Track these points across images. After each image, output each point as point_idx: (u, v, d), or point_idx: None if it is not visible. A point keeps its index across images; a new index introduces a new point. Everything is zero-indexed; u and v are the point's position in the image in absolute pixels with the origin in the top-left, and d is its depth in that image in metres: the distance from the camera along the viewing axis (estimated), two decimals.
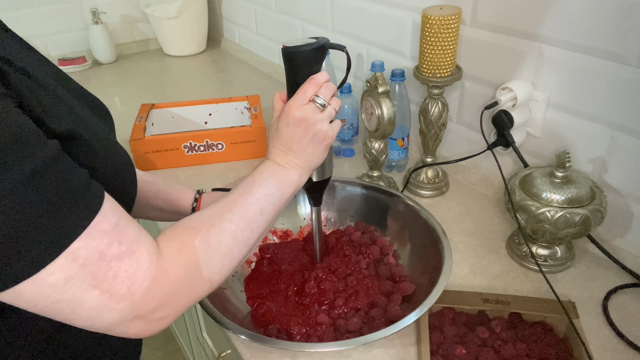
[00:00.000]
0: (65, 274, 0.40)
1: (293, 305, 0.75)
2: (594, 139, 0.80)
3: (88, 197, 0.42)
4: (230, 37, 1.93)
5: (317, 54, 0.61)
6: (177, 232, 0.50)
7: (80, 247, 0.40)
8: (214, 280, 0.52)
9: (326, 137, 0.62)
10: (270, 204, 0.58)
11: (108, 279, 0.42)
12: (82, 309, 0.42)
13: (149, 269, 0.45)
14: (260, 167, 0.61)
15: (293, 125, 0.60)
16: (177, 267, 0.47)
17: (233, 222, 0.54)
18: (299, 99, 0.60)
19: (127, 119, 1.39)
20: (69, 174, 0.41)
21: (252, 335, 0.64)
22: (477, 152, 0.93)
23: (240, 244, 0.54)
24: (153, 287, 0.45)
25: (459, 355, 0.65)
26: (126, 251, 0.43)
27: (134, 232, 0.45)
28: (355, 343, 0.62)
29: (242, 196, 0.57)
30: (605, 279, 0.78)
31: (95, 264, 0.41)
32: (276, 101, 0.65)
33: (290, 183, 0.61)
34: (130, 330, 0.46)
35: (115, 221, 0.43)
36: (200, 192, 0.78)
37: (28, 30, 1.77)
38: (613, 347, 0.67)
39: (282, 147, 0.61)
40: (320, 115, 0.61)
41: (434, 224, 0.79)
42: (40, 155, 0.39)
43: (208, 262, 0.50)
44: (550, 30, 0.80)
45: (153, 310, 0.46)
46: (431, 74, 0.89)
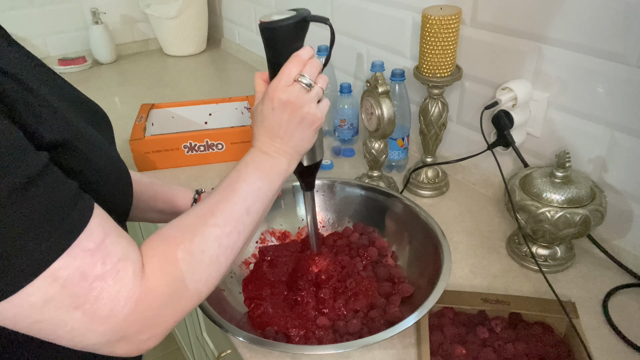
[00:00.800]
0: (45, 295, 0.38)
1: (290, 307, 0.75)
2: (594, 139, 0.80)
3: (74, 214, 0.40)
4: (230, 37, 1.93)
5: (299, 29, 0.55)
6: (159, 243, 0.47)
7: (61, 267, 0.38)
8: (202, 292, 0.49)
9: (315, 120, 0.57)
10: (258, 201, 0.54)
11: (89, 301, 0.40)
12: (63, 330, 0.40)
13: (132, 289, 0.42)
14: (245, 158, 0.57)
15: (278, 109, 0.55)
16: (161, 285, 0.45)
17: (217, 226, 0.50)
18: (282, 80, 0.55)
19: (127, 119, 1.39)
20: (56, 189, 0.39)
21: (252, 338, 0.64)
22: (477, 152, 0.93)
23: (227, 249, 0.51)
24: (136, 309, 0.43)
25: (459, 355, 0.65)
26: (110, 271, 0.41)
27: (120, 249, 0.43)
28: (356, 345, 0.62)
29: (225, 196, 0.53)
30: (605, 279, 0.78)
31: (77, 285, 0.39)
32: (257, 82, 0.60)
33: (278, 174, 0.57)
34: (117, 351, 0.44)
35: (101, 239, 0.41)
36: (199, 192, 0.78)
37: (28, 30, 1.77)
38: (613, 347, 0.67)
39: (268, 133, 0.57)
40: (307, 96, 0.56)
41: (433, 225, 0.79)
42: (25, 171, 0.37)
43: (193, 275, 0.47)
44: (550, 30, 0.80)
45: (138, 332, 0.44)
46: (431, 74, 0.89)
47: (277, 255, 0.84)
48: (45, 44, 1.82)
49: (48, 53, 1.84)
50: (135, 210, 0.74)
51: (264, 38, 0.56)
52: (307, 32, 0.57)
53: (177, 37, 1.85)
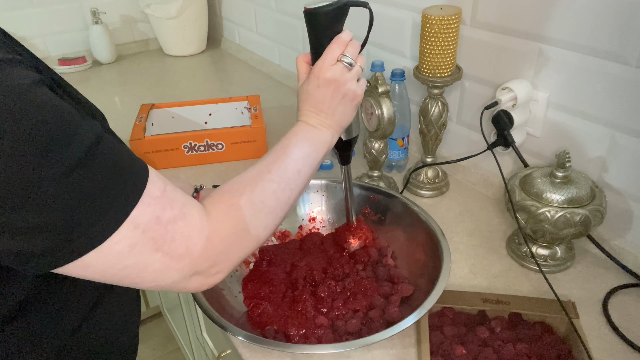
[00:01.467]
0: (130, 241, 0.42)
1: (290, 306, 0.75)
2: (594, 139, 0.80)
3: (136, 168, 0.44)
4: (230, 37, 1.93)
5: (340, 13, 0.61)
6: (222, 194, 0.53)
7: (139, 214, 0.43)
8: (260, 237, 0.55)
9: (356, 96, 0.63)
10: (307, 165, 0.60)
11: (167, 242, 0.45)
12: (147, 272, 0.45)
13: (201, 229, 0.47)
14: (293, 128, 0.62)
15: (323, 86, 0.61)
16: (227, 226, 0.50)
17: (274, 182, 0.56)
18: (327, 60, 0.61)
19: (127, 119, 1.39)
20: (116, 147, 0.43)
21: (252, 338, 0.64)
22: (477, 152, 0.93)
23: (282, 203, 0.57)
24: (208, 246, 0.48)
25: (459, 355, 0.65)
26: (179, 214, 0.46)
27: (181, 196, 0.48)
28: (356, 345, 0.62)
29: (279, 157, 0.58)
30: (605, 279, 0.78)
31: (154, 229, 0.44)
32: (300, 64, 0.65)
33: (323, 144, 0.62)
34: (190, 286, 0.49)
35: (163, 187, 0.46)
36: (197, 190, 0.78)
37: (28, 30, 1.77)
38: (613, 347, 0.67)
39: (313, 108, 0.62)
40: (349, 74, 0.61)
41: (433, 225, 0.79)
42: (90, 134, 0.40)
43: (254, 220, 0.53)
44: (550, 30, 0.80)
45: (210, 267, 0.49)
46: (431, 74, 0.89)
47: (277, 254, 0.84)
48: (45, 44, 1.82)
49: (48, 53, 1.84)
50: None
51: (308, 22, 0.61)
52: (347, 16, 0.63)
53: (177, 37, 1.85)
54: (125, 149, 0.45)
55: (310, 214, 0.92)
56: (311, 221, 0.92)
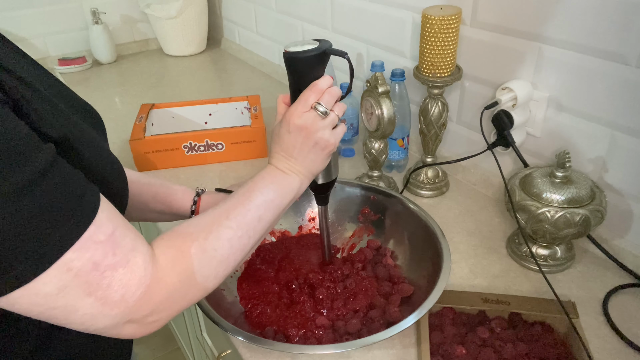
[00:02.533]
0: (59, 283, 0.40)
1: (287, 307, 0.75)
2: (594, 139, 0.80)
3: (83, 206, 0.41)
4: (230, 37, 1.93)
5: (319, 60, 0.60)
6: (174, 238, 0.50)
7: (74, 258, 0.40)
8: (208, 287, 0.52)
9: (327, 145, 0.61)
10: (269, 211, 0.58)
11: (102, 288, 0.42)
12: (76, 315, 0.42)
13: (143, 277, 0.45)
14: (261, 172, 0.61)
15: (294, 132, 0.60)
16: (172, 275, 0.48)
17: (231, 229, 0.54)
18: (300, 107, 0.60)
19: (127, 119, 1.39)
20: (65, 180, 0.40)
21: (252, 338, 0.63)
22: (477, 152, 0.93)
23: (237, 251, 0.54)
24: (147, 295, 0.45)
25: (459, 355, 0.65)
26: (121, 261, 0.43)
27: (129, 240, 0.45)
28: (356, 345, 0.62)
29: (241, 202, 0.56)
30: (605, 279, 0.78)
31: (89, 274, 0.41)
32: (279, 104, 0.65)
33: (290, 190, 0.61)
34: (123, 332, 0.46)
35: (110, 231, 0.43)
36: (199, 194, 0.77)
37: (28, 30, 1.77)
38: (613, 347, 0.67)
39: (284, 152, 0.61)
40: (322, 122, 0.60)
41: (433, 225, 0.79)
42: (36, 163, 0.38)
43: (203, 269, 0.50)
44: (550, 30, 0.80)
45: (146, 315, 0.46)
46: (431, 74, 0.89)
47: (270, 252, 0.84)
48: (45, 44, 1.82)
49: (48, 53, 1.84)
50: (134, 210, 0.74)
51: (287, 66, 0.60)
52: (327, 62, 0.62)
53: (177, 37, 1.85)
54: (76, 182, 0.42)
55: (310, 214, 0.93)
56: (311, 221, 0.92)
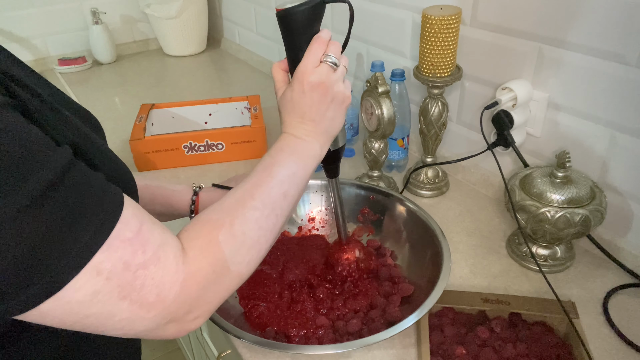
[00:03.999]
0: (91, 289, 0.38)
1: (288, 307, 0.75)
2: (594, 139, 0.80)
3: (107, 205, 0.40)
4: (230, 37, 1.93)
5: (317, 11, 0.56)
6: (200, 227, 0.48)
7: (103, 259, 0.38)
8: (243, 274, 0.50)
9: (345, 98, 0.59)
10: (294, 185, 0.55)
11: (136, 289, 0.40)
12: (112, 321, 0.40)
13: (176, 273, 0.43)
14: (278, 143, 0.57)
15: (309, 91, 0.56)
16: (204, 267, 0.45)
17: (257, 209, 0.51)
18: (310, 62, 0.55)
19: (127, 119, 1.39)
20: (85, 180, 0.39)
21: (252, 338, 0.63)
22: (477, 152, 0.93)
23: (267, 232, 0.52)
24: (183, 291, 0.43)
25: (459, 355, 0.65)
26: (151, 258, 0.41)
27: (157, 235, 0.43)
28: (356, 345, 0.62)
29: (262, 180, 0.53)
30: (605, 279, 0.78)
31: (121, 275, 0.39)
32: (276, 71, 0.60)
33: (311, 158, 0.57)
34: (166, 333, 0.45)
35: (137, 227, 0.41)
36: (196, 192, 0.77)
37: (28, 30, 1.77)
38: (613, 347, 0.67)
39: (300, 117, 0.57)
40: (335, 75, 0.57)
41: (433, 225, 0.79)
42: (55, 164, 0.37)
43: (235, 256, 0.48)
44: (550, 30, 0.80)
45: (186, 313, 0.45)
46: (431, 74, 0.89)
47: (270, 252, 0.84)
48: (45, 44, 1.82)
49: (48, 53, 1.84)
50: None
51: (283, 25, 0.56)
52: (324, 14, 0.57)
53: (177, 37, 1.85)
54: (96, 181, 0.40)
55: (309, 214, 0.93)
56: (310, 221, 0.92)
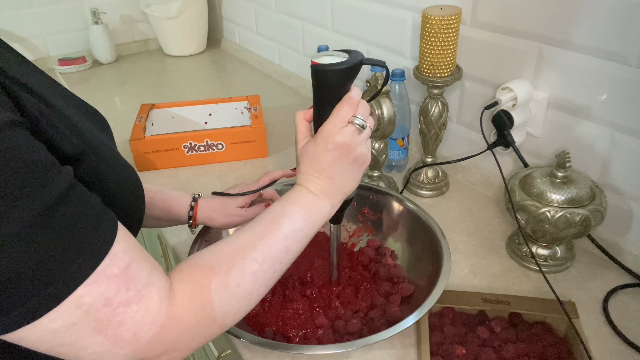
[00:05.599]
0: (68, 320, 0.38)
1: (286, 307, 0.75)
2: (594, 139, 0.80)
3: (98, 237, 0.39)
4: (230, 37, 1.93)
5: (353, 72, 0.55)
6: (193, 271, 0.47)
7: (84, 293, 0.38)
8: (227, 324, 0.49)
9: (365, 160, 0.58)
10: (297, 241, 0.54)
11: (113, 325, 0.40)
12: (84, 352, 0.40)
13: (157, 315, 0.42)
14: (292, 194, 0.56)
15: (333, 150, 0.55)
16: (189, 314, 0.44)
17: (256, 262, 0.50)
18: (337, 122, 0.55)
19: (127, 119, 1.39)
20: (81, 208, 0.39)
21: (252, 338, 0.63)
22: (477, 152, 0.93)
23: (261, 285, 0.51)
24: (161, 334, 0.42)
25: (459, 355, 0.65)
26: (134, 296, 0.41)
27: (145, 274, 0.42)
28: (356, 345, 0.62)
29: (268, 231, 0.52)
30: (605, 279, 0.78)
31: (100, 311, 0.39)
32: (299, 121, 0.59)
33: (320, 216, 0.56)
34: None
35: (126, 264, 0.41)
36: (195, 199, 0.77)
37: (28, 30, 1.77)
38: (613, 347, 0.67)
39: (318, 173, 0.56)
40: (360, 137, 0.56)
41: (433, 225, 0.79)
42: (53, 191, 0.36)
43: (223, 306, 0.47)
44: (550, 30, 0.80)
45: (159, 355, 0.44)
46: (431, 74, 0.89)
47: None
48: (45, 44, 1.82)
49: (48, 53, 1.84)
50: None
51: (317, 79, 0.55)
52: (357, 74, 0.56)
53: (177, 37, 1.85)
54: (91, 210, 0.39)
55: None
56: None
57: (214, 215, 0.76)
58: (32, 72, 0.49)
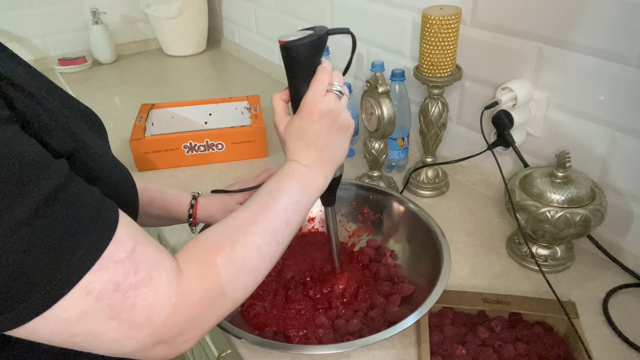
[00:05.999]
0: (79, 308, 0.38)
1: (283, 306, 0.75)
2: (594, 139, 0.80)
3: (100, 224, 0.39)
4: (230, 37, 1.93)
5: (321, 44, 0.57)
6: (199, 249, 0.48)
7: (93, 280, 0.38)
8: (238, 299, 0.49)
9: (350, 125, 0.60)
10: (296, 213, 0.55)
11: (126, 310, 0.40)
12: (100, 340, 0.40)
13: (168, 295, 0.42)
14: (285, 169, 0.58)
15: (319, 119, 0.57)
16: (199, 291, 0.45)
17: (258, 235, 0.51)
18: (318, 91, 0.57)
19: (127, 119, 1.39)
20: (80, 198, 0.39)
21: (252, 338, 0.63)
22: (477, 152, 0.93)
23: (266, 258, 0.51)
24: (174, 314, 0.43)
25: (459, 355, 0.65)
26: (143, 279, 0.41)
27: (151, 256, 0.42)
28: (356, 345, 0.62)
29: (267, 205, 0.53)
30: (605, 279, 0.78)
31: (111, 296, 0.39)
32: (277, 102, 0.61)
33: (316, 186, 0.58)
34: (154, 354, 0.44)
35: (131, 247, 0.41)
36: (195, 197, 0.77)
37: (28, 30, 1.77)
38: (613, 347, 0.67)
39: (306, 146, 0.58)
40: (341, 103, 0.59)
41: (433, 225, 0.79)
42: (49, 182, 0.37)
43: (232, 281, 0.47)
44: (550, 30, 0.80)
45: (176, 335, 0.44)
46: (431, 74, 0.89)
47: None
48: (45, 44, 1.82)
49: (48, 53, 1.84)
50: None
51: (287, 57, 0.57)
52: (325, 45, 0.60)
53: (177, 37, 1.85)
54: (92, 198, 0.40)
55: (309, 214, 0.93)
56: (310, 221, 0.92)
57: (214, 213, 0.76)
58: (22, 71, 0.49)
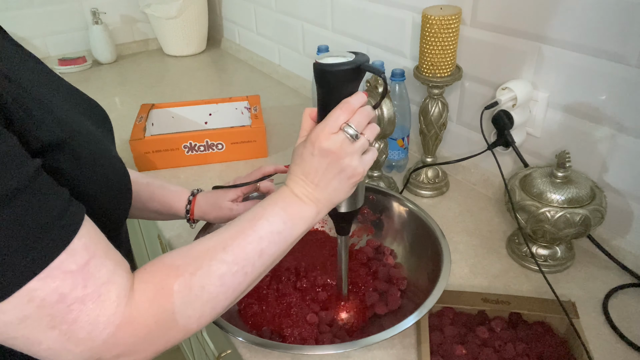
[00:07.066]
0: (20, 313, 0.37)
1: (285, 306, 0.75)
2: (594, 139, 0.80)
3: (56, 232, 0.38)
4: (230, 37, 1.93)
5: (353, 75, 0.52)
6: (158, 270, 0.46)
7: (37, 287, 0.37)
8: (191, 329, 0.47)
9: (355, 174, 0.53)
10: (275, 244, 0.51)
11: (67, 322, 0.39)
12: (39, 347, 0.39)
13: (113, 315, 0.41)
14: (275, 195, 0.54)
15: (318, 156, 0.52)
16: (146, 316, 0.43)
17: (224, 263, 0.48)
18: (327, 127, 0.52)
19: (127, 119, 1.39)
20: (42, 201, 0.38)
21: (252, 339, 0.63)
22: (477, 152, 0.93)
23: (228, 290, 0.48)
24: (116, 335, 0.41)
25: (459, 355, 0.65)
26: (91, 294, 0.40)
27: (105, 272, 0.41)
28: (356, 345, 0.62)
29: (242, 231, 0.50)
30: (605, 279, 0.78)
31: (54, 306, 0.38)
32: (305, 119, 0.57)
33: (303, 220, 0.53)
34: None
35: (85, 260, 0.40)
36: (194, 194, 0.77)
37: (28, 30, 1.77)
38: (613, 347, 0.67)
39: (303, 176, 0.53)
40: (351, 147, 0.52)
41: (433, 225, 0.79)
42: (11, 182, 0.36)
43: (185, 310, 0.45)
44: (550, 30, 0.80)
45: (116, 356, 0.42)
46: (431, 74, 0.89)
47: None
48: (45, 44, 1.82)
49: (48, 53, 1.84)
50: (133, 209, 0.74)
51: (317, 78, 0.53)
52: (362, 79, 0.55)
53: (177, 37, 1.85)
54: (53, 205, 0.39)
55: None
56: None
57: (207, 210, 0.76)
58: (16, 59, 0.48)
